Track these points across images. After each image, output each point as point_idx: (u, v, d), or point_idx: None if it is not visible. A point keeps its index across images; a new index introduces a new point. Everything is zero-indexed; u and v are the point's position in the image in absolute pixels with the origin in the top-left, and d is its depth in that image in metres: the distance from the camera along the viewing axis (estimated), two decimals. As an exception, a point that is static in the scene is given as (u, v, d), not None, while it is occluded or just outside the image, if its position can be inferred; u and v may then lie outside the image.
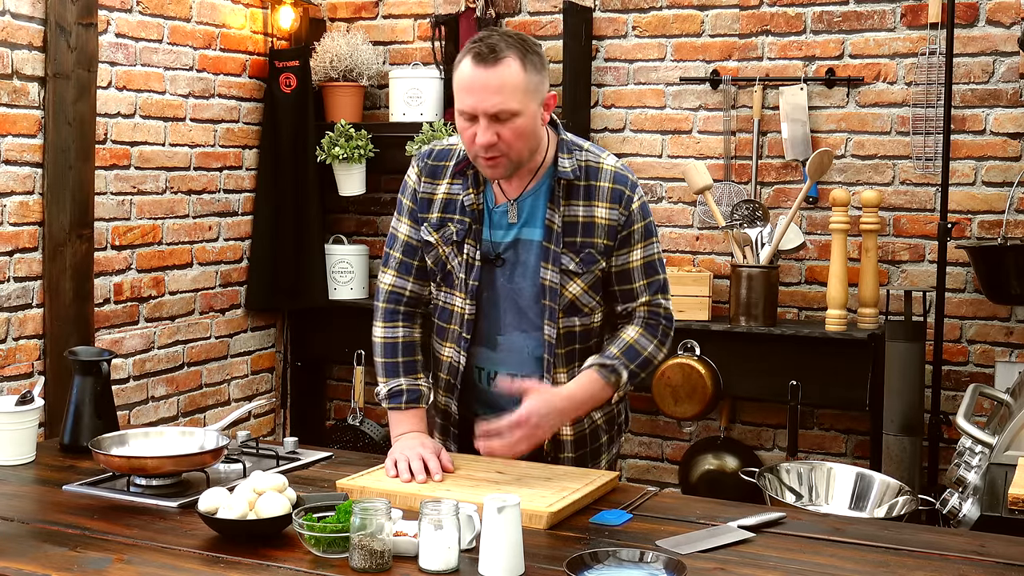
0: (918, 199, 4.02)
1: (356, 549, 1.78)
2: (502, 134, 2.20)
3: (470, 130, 2.22)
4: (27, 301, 3.60)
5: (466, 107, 2.21)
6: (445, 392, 2.47)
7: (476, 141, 2.21)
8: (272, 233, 4.56)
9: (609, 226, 2.32)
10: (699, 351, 3.99)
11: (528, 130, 2.23)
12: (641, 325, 2.39)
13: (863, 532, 2.05)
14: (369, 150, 4.43)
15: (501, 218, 2.35)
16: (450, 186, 2.38)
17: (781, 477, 3.19)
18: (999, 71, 3.87)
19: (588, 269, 2.33)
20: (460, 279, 2.37)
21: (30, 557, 1.85)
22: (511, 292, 2.36)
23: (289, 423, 4.79)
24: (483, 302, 2.38)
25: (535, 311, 2.36)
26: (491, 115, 2.19)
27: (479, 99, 2.19)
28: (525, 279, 2.35)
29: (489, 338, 2.40)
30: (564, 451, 2.44)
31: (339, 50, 4.49)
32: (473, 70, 2.20)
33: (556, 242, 2.32)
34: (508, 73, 2.19)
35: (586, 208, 2.32)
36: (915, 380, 3.76)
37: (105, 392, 2.55)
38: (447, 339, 2.43)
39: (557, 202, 2.31)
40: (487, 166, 2.26)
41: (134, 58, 3.96)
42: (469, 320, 2.38)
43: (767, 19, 4.16)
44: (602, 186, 2.33)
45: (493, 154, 2.22)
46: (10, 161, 3.52)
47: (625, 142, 4.39)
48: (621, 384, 2.34)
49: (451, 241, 2.37)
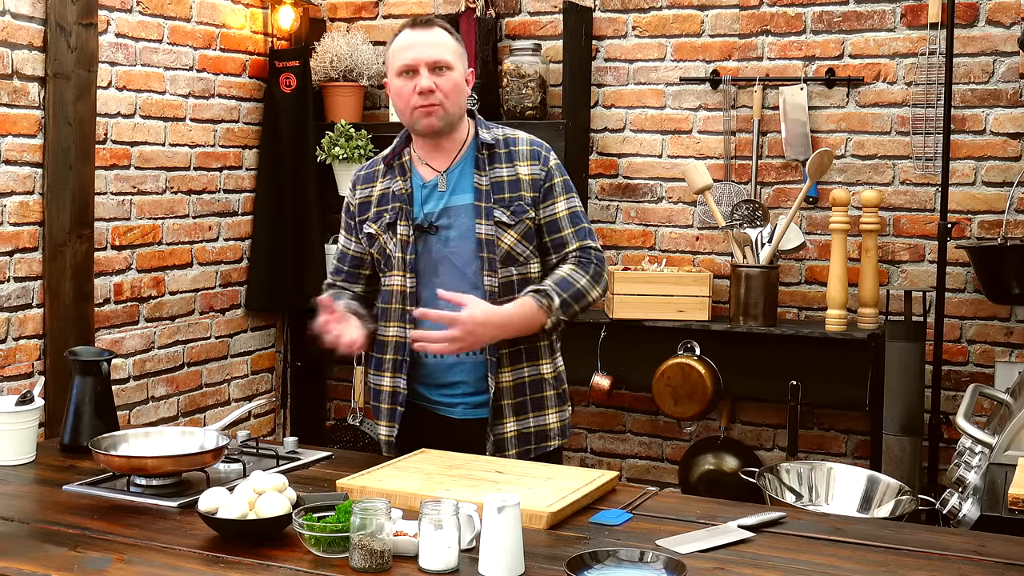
0: (918, 199, 4.02)
1: (356, 549, 1.79)
2: (439, 84, 2.47)
3: (409, 85, 2.48)
4: (27, 301, 3.60)
5: (408, 60, 2.48)
6: (393, 373, 2.58)
7: (416, 90, 2.46)
8: (272, 233, 4.56)
9: (532, 180, 2.56)
10: (699, 351, 3.99)
11: (460, 86, 2.52)
12: (573, 262, 2.58)
13: (863, 532, 2.05)
14: (369, 150, 4.42)
15: (431, 192, 2.55)
16: (382, 182, 2.61)
17: (781, 477, 3.19)
18: (999, 71, 3.87)
19: (520, 219, 2.53)
20: (397, 257, 2.55)
21: (30, 557, 1.86)
22: (447, 256, 2.53)
23: (289, 423, 4.79)
24: (420, 274, 2.54)
25: (473, 268, 2.52)
26: (430, 65, 2.47)
27: (419, 52, 2.47)
28: (461, 240, 2.52)
29: (429, 305, 2.50)
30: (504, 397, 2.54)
31: (339, 50, 4.49)
32: (411, 33, 2.51)
33: (486, 199, 2.52)
34: (442, 34, 2.52)
35: (509, 168, 2.56)
36: (915, 380, 3.76)
37: (105, 392, 2.55)
38: (390, 319, 2.58)
39: (483, 166, 2.54)
40: (424, 114, 2.48)
41: (134, 58, 3.96)
42: (411, 293, 2.54)
43: (767, 19, 4.16)
44: (521, 149, 2.59)
45: (431, 101, 2.47)
46: (10, 161, 3.52)
47: (625, 142, 4.39)
48: (553, 308, 2.47)
49: (386, 226, 2.57)
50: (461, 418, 2.58)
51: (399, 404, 2.57)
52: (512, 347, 2.54)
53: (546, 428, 2.61)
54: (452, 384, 2.57)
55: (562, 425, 2.65)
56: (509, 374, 2.55)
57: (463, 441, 2.53)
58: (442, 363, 2.55)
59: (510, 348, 2.54)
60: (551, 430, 2.62)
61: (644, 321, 4.01)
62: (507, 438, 2.55)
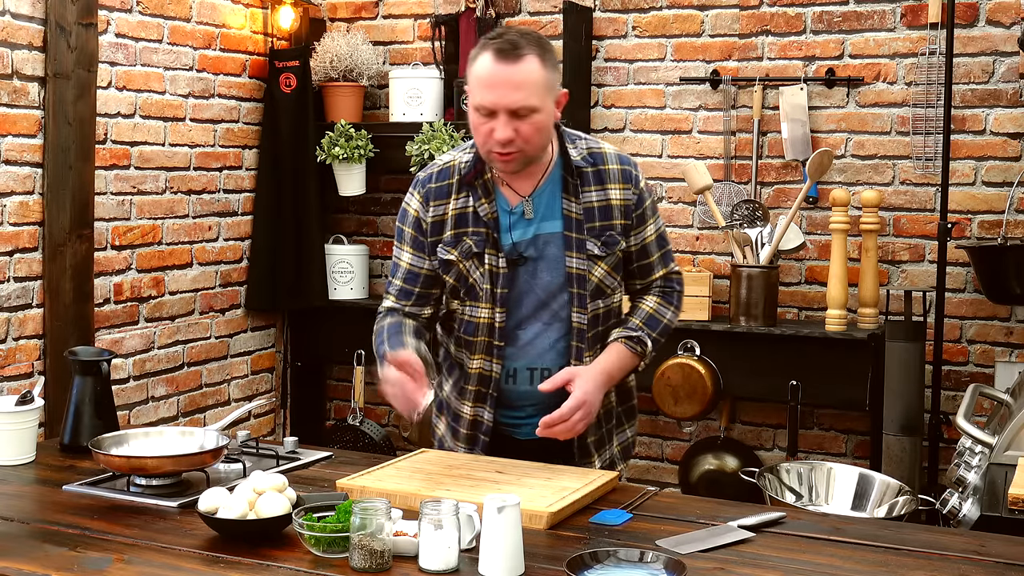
0: (918, 199, 4.02)
1: (356, 549, 1.79)
2: (520, 130, 2.21)
3: (486, 125, 2.22)
4: (27, 301, 3.60)
5: (486, 102, 2.20)
6: (475, 403, 2.43)
7: (494, 136, 2.21)
8: (272, 233, 4.56)
9: (624, 206, 2.36)
10: (699, 351, 3.99)
11: (546, 126, 2.26)
12: (658, 295, 2.46)
13: (863, 532, 2.05)
14: (369, 150, 4.43)
15: (518, 219, 2.35)
16: (456, 201, 2.36)
17: (781, 477, 3.19)
18: (999, 71, 3.87)
19: (611, 251, 2.36)
20: (484, 289, 2.35)
21: (30, 557, 1.85)
22: (533, 287, 2.36)
23: (289, 423, 4.79)
24: (508, 303, 2.37)
25: (559, 301, 2.35)
26: (512, 111, 2.20)
27: (501, 95, 2.19)
28: (549, 272, 2.35)
29: (511, 335, 2.38)
30: (589, 434, 2.43)
31: (339, 50, 4.49)
32: (495, 65, 2.20)
33: (577, 229, 2.33)
34: (530, 70, 2.20)
35: (599, 192, 2.35)
36: (915, 380, 3.76)
37: (105, 392, 2.55)
38: (475, 351, 2.40)
39: (573, 191, 2.34)
40: (501, 161, 2.26)
41: (134, 58, 3.96)
42: (501, 328, 2.36)
43: (767, 19, 4.16)
44: (611, 169, 2.37)
45: (510, 150, 2.23)
46: (10, 161, 3.52)
47: (625, 142, 4.39)
48: (647, 353, 2.40)
49: (471, 254, 2.35)
50: (526, 439, 2.43)
51: (483, 433, 2.43)
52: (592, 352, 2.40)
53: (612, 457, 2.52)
54: (520, 407, 2.43)
55: (624, 447, 2.55)
56: None
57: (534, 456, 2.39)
58: (516, 390, 2.40)
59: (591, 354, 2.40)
60: (615, 456, 2.53)
61: (644, 321, 4.00)
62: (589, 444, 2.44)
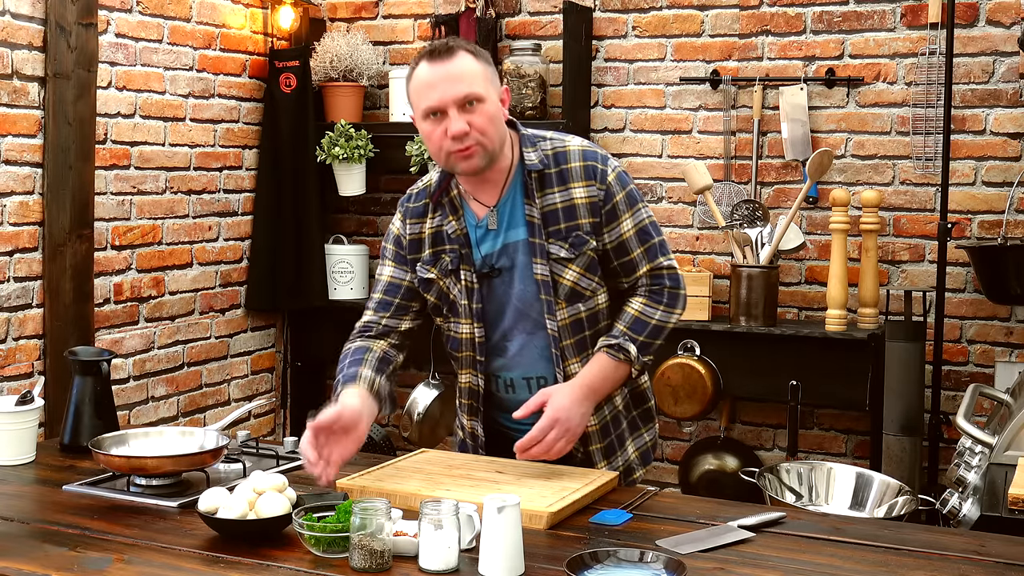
0: (918, 199, 4.02)
1: (356, 549, 1.79)
2: (473, 121, 2.21)
3: (439, 128, 2.22)
4: (27, 301, 3.60)
5: (433, 102, 2.22)
6: (470, 416, 2.46)
7: (448, 134, 2.21)
8: (272, 233, 4.56)
9: (590, 204, 2.30)
10: (699, 351, 3.99)
11: (496, 117, 2.24)
12: (644, 295, 2.37)
13: (863, 532, 2.05)
14: (369, 150, 4.43)
15: (484, 232, 2.34)
16: (432, 220, 2.38)
17: (781, 477, 3.19)
18: (999, 71, 3.87)
19: (580, 252, 2.31)
20: (463, 305, 2.36)
21: (30, 557, 1.85)
22: (511, 297, 2.35)
23: (289, 423, 4.79)
24: (487, 317, 2.37)
25: (536, 309, 2.34)
26: (460, 102, 2.20)
27: (444, 90, 2.20)
28: (522, 281, 2.33)
29: (499, 347, 2.39)
30: (591, 443, 2.41)
31: (339, 50, 4.49)
32: (431, 67, 2.23)
33: (539, 235, 2.30)
34: (465, 62, 2.23)
35: (563, 193, 2.30)
36: (915, 380, 3.76)
37: (105, 392, 2.55)
38: (463, 366, 2.43)
39: (532, 196, 2.30)
40: (461, 158, 2.23)
41: (134, 58, 3.96)
42: (480, 343, 2.37)
43: (767, 19, 4.16)
44: (574, 167, 2.31)
45: (467, 144, 2.21)
46: (10, 161, 3.52)
47: (625, 142, 4.39)
48: (632, 358, 2.32)
49: (448, 271, 2.36)
50: None
51: (480, 447, 2.46)
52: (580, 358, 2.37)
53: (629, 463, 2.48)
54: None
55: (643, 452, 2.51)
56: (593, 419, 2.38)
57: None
58: (515, 398, 2.38)
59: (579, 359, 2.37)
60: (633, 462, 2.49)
61: (644, 321, 4.00)
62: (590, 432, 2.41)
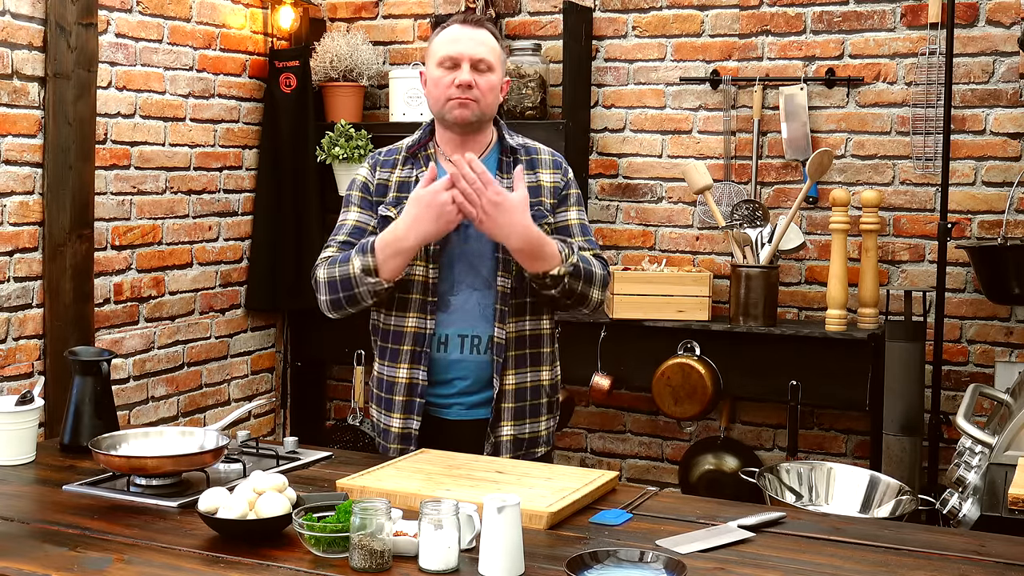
0: (918, 199, 4.02)
1: (356, 549, 1.79)
2: (479, 82, 2.50)
3: (449, 76, 2.50)
4: (27, 301, 3.60)
5: (453, 52, 2.50)
6: (411, 364, 2.55)
7: (456, 82, 2.48)
8: (272, 233, 4.56)
9: (553, 187, 2.61)
10: (699, 351, 3.99)
11: (496, 89, 2.55)
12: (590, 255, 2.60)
13: (863, 532, 2.05)
14: (369, 150, 4.42)
15: None
16: (401, 171, 2.61)
17: (781, 477, 3.19)
18: (999, 71, 3.87)
19: (539, 223, 2.48)
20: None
21: (30, 557, 1.86)
22: (465, 252, 2.53)
23: (289, 423, 4.79)
24: (439, 261, 2.53)
25: (488, 267, 2.53)
26: (474, 62, 2.50)
27: (466, 46, 2.50)
28: (478, 240, 2.51)
29: (442, 299, 2.54)
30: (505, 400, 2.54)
31: (339, 50, 4.49)
32: (461, 28, 2.54)
33: None
34: (489, 37, 2.55)
35: (531, 176, 2.59)
36: (915, 380, 3.76)
37: (105, 392, 2.55)
38: (409, 309, 2.55)
39: (507, 169, 2.57)
40: (458, 105, 2.49)
41: (134, 58, 3.96)
42: (433, 284, 2.53)
43: (767, 19, 4.16)
44: (543, 158, 2.64)
45: (468, 96, 2.49)
46: (10, 161, 3.52)
47: (625, 142, 4.39)
48: (568, 261, 2.46)
49: None
50: (456, 419, 2.57)
51: (417, 396, 2.55)
52: (518, 351, 2.56)
53: (537, 435, 2.63)
54: (449, 382, 2.56)
55: (549, 433, 2.68)
56: (512, 377, 2.56)
57: (459, 441, 2.53)
58: (446, 358, 2.54)
59: (516, 352, 2.55)
60: (541, 437, 2.64)
61: (644, 321, 4.01)
62: (503, 441, 2.56)
